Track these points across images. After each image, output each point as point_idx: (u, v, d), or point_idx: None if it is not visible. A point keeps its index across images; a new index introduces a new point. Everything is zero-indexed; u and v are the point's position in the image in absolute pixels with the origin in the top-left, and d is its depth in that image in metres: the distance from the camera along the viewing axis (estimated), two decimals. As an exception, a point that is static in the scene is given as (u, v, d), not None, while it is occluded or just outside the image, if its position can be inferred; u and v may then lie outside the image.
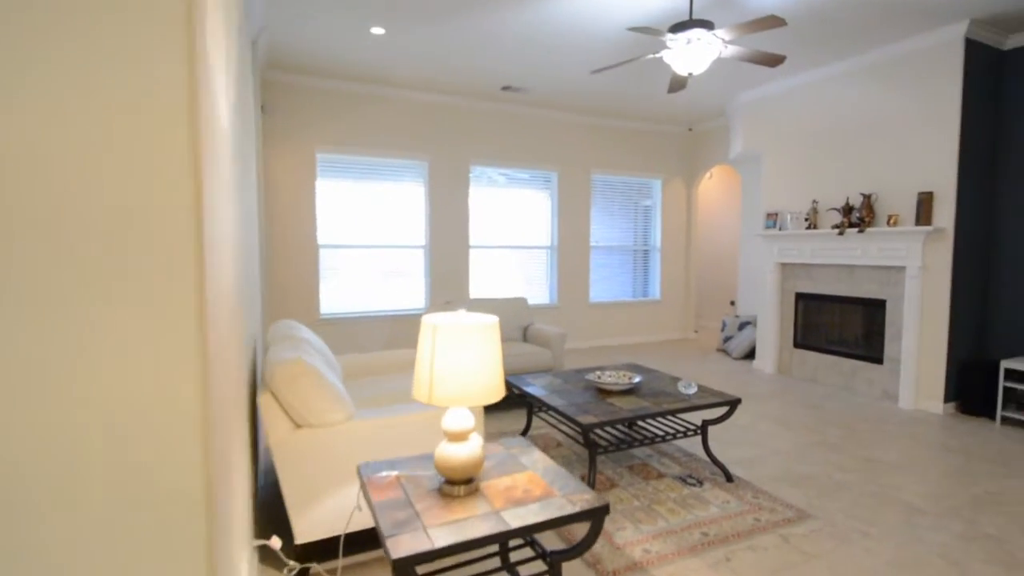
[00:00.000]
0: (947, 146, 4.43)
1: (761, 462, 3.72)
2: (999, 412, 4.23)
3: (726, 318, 7.16)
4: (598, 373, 3.81)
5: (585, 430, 3.00)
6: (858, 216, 5.06)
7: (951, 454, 3.73)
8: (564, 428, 4.21)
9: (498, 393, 1.92)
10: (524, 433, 4.02)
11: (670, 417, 3.52)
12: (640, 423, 3.81)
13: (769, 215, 6.06)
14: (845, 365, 5.34)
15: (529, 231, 7.53)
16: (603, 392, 3.58)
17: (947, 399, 4.57)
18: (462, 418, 1.90)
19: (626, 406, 3.27)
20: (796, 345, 5.84)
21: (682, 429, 3.52)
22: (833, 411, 4.68)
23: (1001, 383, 4.21)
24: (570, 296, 7.63)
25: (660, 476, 3.48)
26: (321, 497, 2.37)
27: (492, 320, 1.90)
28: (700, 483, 3.38)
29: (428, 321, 1.85)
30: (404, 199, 6.75)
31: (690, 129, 5.82)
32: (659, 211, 8.06)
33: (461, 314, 1.98)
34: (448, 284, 6.98)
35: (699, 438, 3.80)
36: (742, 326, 6.94)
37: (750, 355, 6.72)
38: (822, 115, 5.45)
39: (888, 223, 4.82)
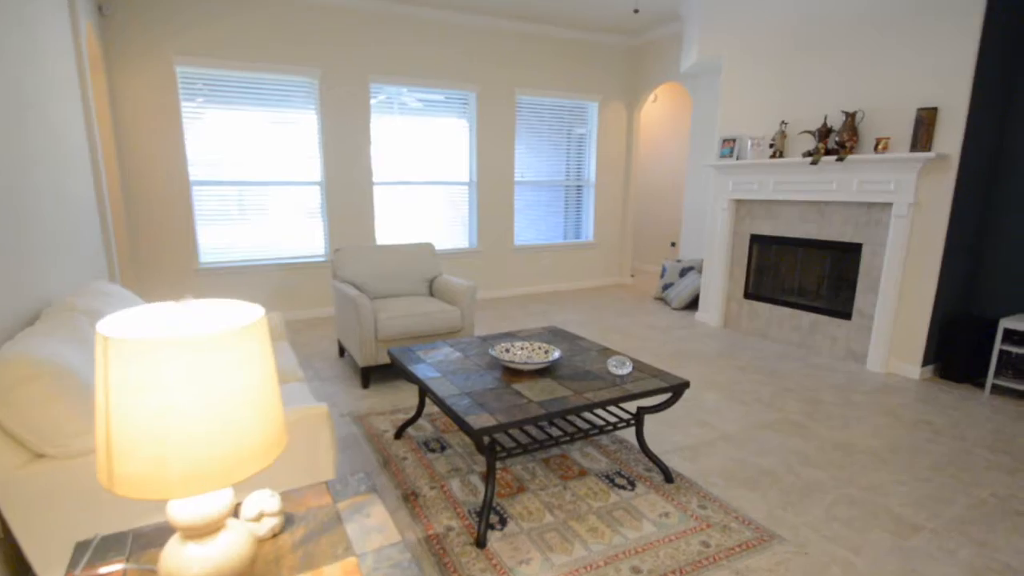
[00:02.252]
0: (963, 45, 3.35)
1: (708, 450, 2.73)
2: (990, 379, 3.43)
3: (666, 263, 6.15)
4: (506, 346, 2.63)
5: (477, 436, 1.85)
6: (837, 141, 4.02)
7: (940, 437, 2.88)
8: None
9: (269, 451, 0.74)
10: (414, 419, 2.82)
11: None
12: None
13: (725, 141, 4.95)
14: (803, 319, 4.45)
15: (447, 165, 6.11)
16: (511, 373, 2.43)
17: (926, 362, 3.74)
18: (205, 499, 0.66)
19: (537, 397, 2.16)
20: (747, 295, 4.90)
21: (611, 421, 2.46)
22: (791, 376, 3.77)
23: (997, 346, 3.38)
24: (492, 239, 6.36)
25: (582, 474, 2.47)
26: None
27: (249, 319, 0.93)
28: (632, 484, 2.39)
29: (103, 331, 0.84)
30: (294, 126, 5.18)
31: (636, 10, 4.44)
32: (594, 140, 6.80)
33: (183, 309, 0.97)
34: (351, 227, 5.53)
35: (633, 427, 2.75)
36: (684, 272, 5.96)
37: (692, 305, 5.77)
38: (799, 7, 4.27)
39: (876, 149, 3.80)
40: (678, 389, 2.40)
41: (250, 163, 5.08)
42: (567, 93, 6.45)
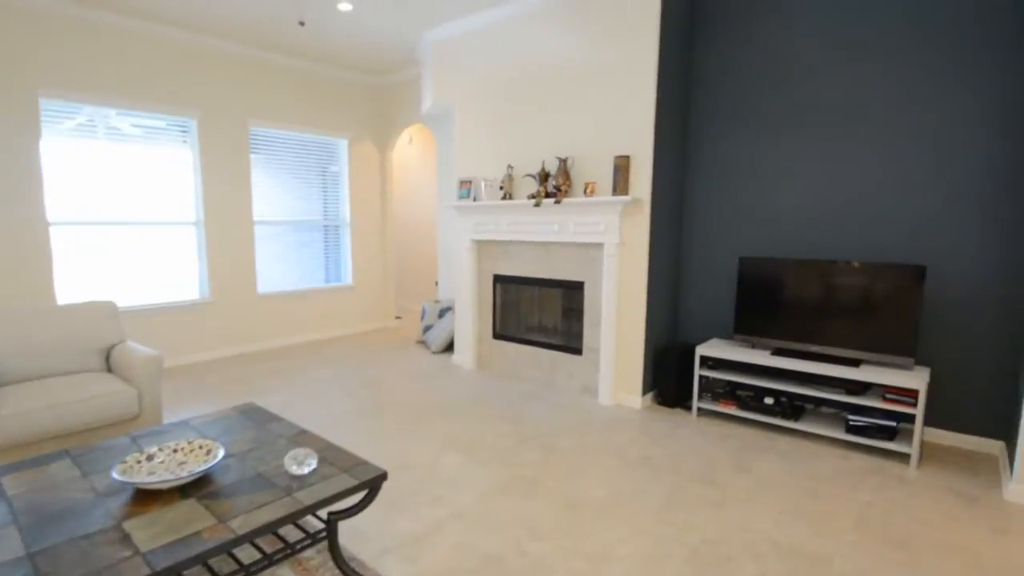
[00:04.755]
0: (644, 102, 3.38)
1: (435, 538, 2.09)
2: (695, 403, 3.45)
3: (426, 304, 5.59)
4: (147, 453, 1.71)
5: None
6: (554, 185, 3.88)
7: (659, 475, 2.66)
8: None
9: None
10: None
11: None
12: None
13: (463, 183, 4.58)
14: (545, 357, 4.21)
15: (166, 202, 4.73)
16: (143, 497, 1.52)
17: (645, 391, 3.69)
18: None
19: (155, 540, 1.41)
20: (496, 336, 4.54)
21: (289, 542, 1.69)
22: (533, 421, 3.40)
23: (697, 371, 3.44)
24: (229, 287, 5.09)
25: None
26: None
27: None
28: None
29: None
30: None
31: (302, 23, 3.66)
32: (346, 179, 6.01)
33: None
34: (18, 277, 3.83)
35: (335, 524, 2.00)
36: (443, 313, 5.47)
37: (451, 347, 5.28)
38: (516, 61, 4.08)
39: (586, 192, 3.71)
40: (375, 483, 1.72)
41: None
42: (313, 128, 5.56)
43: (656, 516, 2.33)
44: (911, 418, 2.92)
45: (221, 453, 1.77)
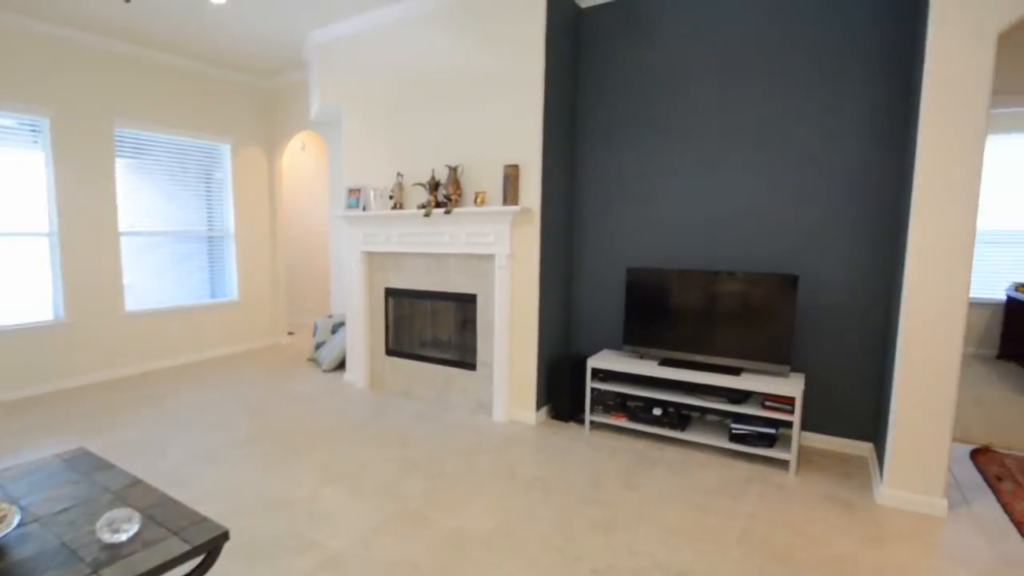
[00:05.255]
0: (532, 110, 3.20)
1: None
2: (587, 416, 3.25)
3: (318, 319, 5.08)
4: None
5: None
6: (444, 194, 3.61)
7: (550, 497, 2.42)
8: None
9: None
10: None
11: None
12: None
13: (351, 191, 4.18)
14: (439, 374, 3.88)
15: (17, 211, 3.93)
16: None
17: (539, 405, 3.47)
18: None
19: None
20: (389, 352, 4.16)
21: None
22: (423, 444, 3.06)
23: (588, 383, 3.26)
24: (90, 306, 4.29)
25: None
26: None
27: None
28: None
29: None
30: None
31: (127, 0, 3.05)
32: (230, 186, 5.38)
33: None
34: None
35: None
36: (336, 328, 4.98)
37: (343, 365, 4.82)
38: (405, 65, 3.77)
39: (476, 202, 3.47)
40: (213, 545, 1.32)
41: None
42: (192, 131, 4.92)
43: (544, 544, 2.07)
44: (790, 424, 2.91)
45: (16, 520, 1.32)
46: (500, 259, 3.37)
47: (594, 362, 3.22)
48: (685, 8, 3.19)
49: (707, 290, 3.03)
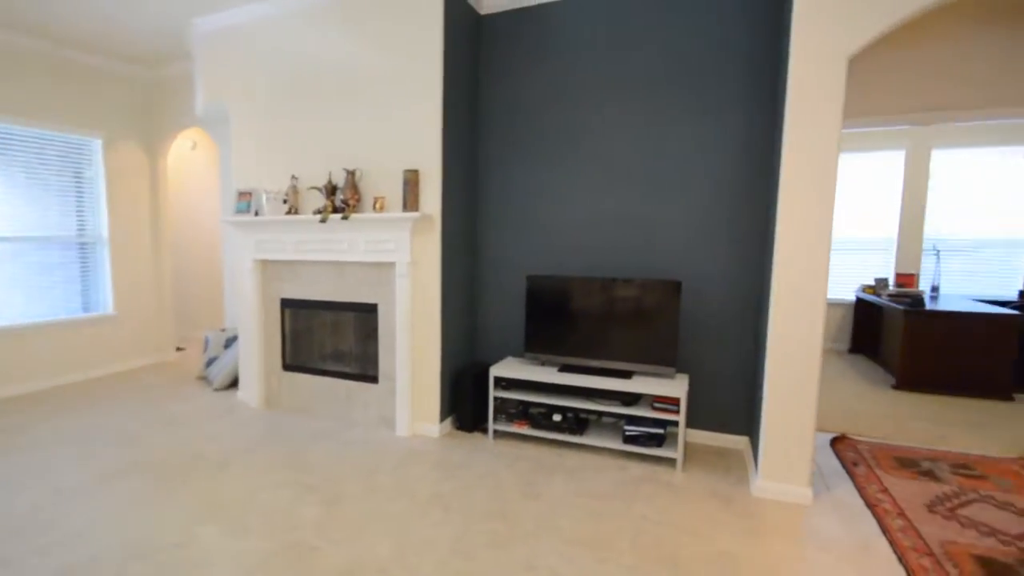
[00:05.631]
0: (431, 113, 3.08)
1: None
2: (491, 426, 3.16)
3: (209, 333, 4.59)
4: None
5: None
6: (342, 199, 3.39)
7: (450, 516, 2.28)
8: None
9: None
10: None
11: None
12: None
13: (241, 195, 3.82)
14: (341, 388, 3.63)
15: None
16: None
17: (443, 417, 3.34)
18: None
19: None
20: (286, 367, 3.83)
21: None
22: (321, 466, 2.81)
23: (491, 392, 3.18)
24: None
25: None
26: None
27: None
28: None
29: None
30: None
31: None
32: (102, 187, 4.75)
33: None
34: None
35: None
36: (229, 343, 4.55)
37: (237, 383, 4.41)
38: (300, 60, 3.48)
39: (375, 207, 3.29)
40: None
41: None
42: (53, 124, 4.26)
43: (442, 568, 1.93)
44: (677, 424, 3.01)
45: None
46: (401, 267, 3.21)
47: (497, 370, 3.15)
48: (574, 22, 3.22)
49: (600, 296, 3.06)
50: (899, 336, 4.44)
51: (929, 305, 4.45)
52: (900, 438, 3.24)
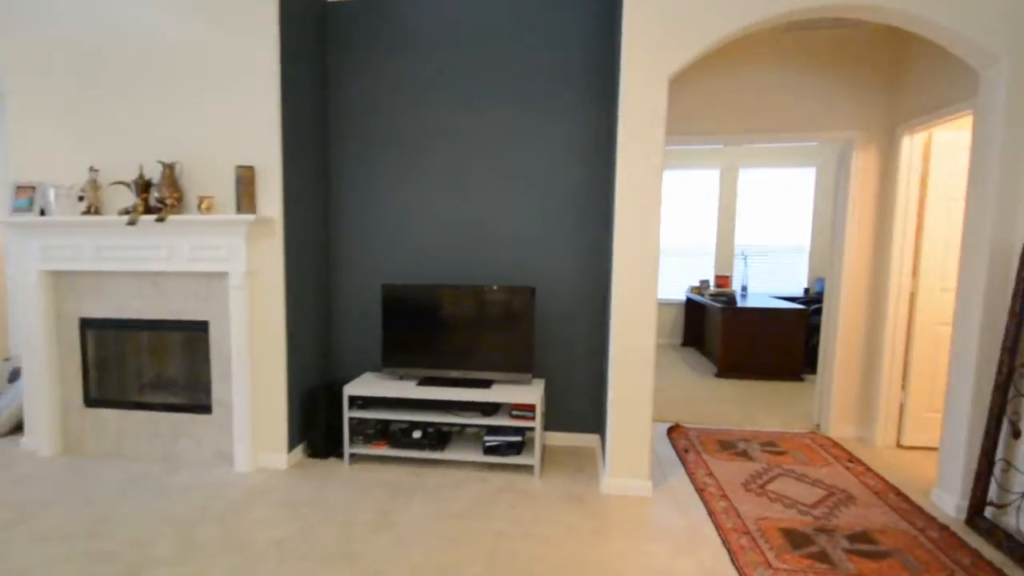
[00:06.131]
0: (267, 103, 2.69)
1: None
2: (347, 450, 2.85)
3: (-20, 364, 3.59)
4: None
5: None
6: (158, 197, 2.82)
7: (284, 567, 1.91)
8: None
9: None
10: None
11: None
12: None
13: (21, 189, 3.00)
14: (164, 423, 3.00)
15: None
16: None
17: (293, 445, 2.94)
18: None
19: None
20: (89, 403, 3.08)
21: None
22: (126, 523, 2.24)
23: (346, 413, 2.88)
24: None
25: None
26: None
27: None
28: None
29: None
30: None
31: None
32: None
33: None
34: None
35: None
36: (14, 376, 3.58)
37: (22, 426, 3.47)
38: (101, 27, 2.82)
39: (200, 208, 2.78)
40: None
41: None
42: None
43: None
44: (534, 430, 3.03)
45: None
46: (236, 277, 2.75)
47: (352, 389, 2.86)
48: (427, 19, 3.08)
49: (458, 304, 2.94)
50: (718, 330, 5.05)
51: (740, 303, 5.12)
52: (722, 422, 3.64)
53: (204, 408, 2.92)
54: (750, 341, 4.87)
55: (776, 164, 6.43)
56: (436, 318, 2.96)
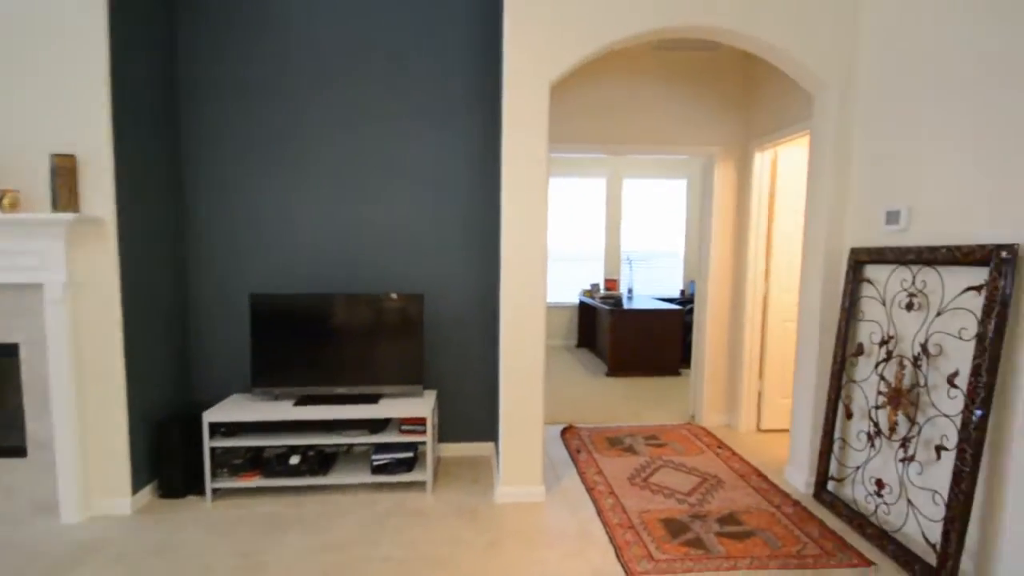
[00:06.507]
0: (93, 77, 2.21)
1: None
2: (208, 485, 2.45)
3: None
4: None
5: None
6: (-62, 190, 2.21)
7: None
8: None
9: None
10: None
11: None
12: None
13: None
14: (-47, 472, 2.39)
15: None
16: None
17: (139, 485, 2.45)
18: None
19: None
20: None
21: None
22: None
23: (207, 443, 2.47)
24: None
25: None
26: None
27: None
28: None
29: None
30: None
31: None
32: None
33: None
34: None
35: None
36: None
37: None
38: None
39: (3, 205, 2.24)
40: None
41: None
42: None
43: None
44: (426, 444, 2.86)
45: None
46: (53, 290, 2.22)
47: (214, 415, 2.46)
48: (300, 21, 2.80)
49: (339, 315, 2.68)
50: (607, 331, 5.26)
51: (626, 304, 5.39)
52: (611, 420, 3.76)
53: (15, 451, 2.32)
54: (635, 341, 5.14)
55: (655, 175, 6.91)
56: (314, 330, 2.66)
